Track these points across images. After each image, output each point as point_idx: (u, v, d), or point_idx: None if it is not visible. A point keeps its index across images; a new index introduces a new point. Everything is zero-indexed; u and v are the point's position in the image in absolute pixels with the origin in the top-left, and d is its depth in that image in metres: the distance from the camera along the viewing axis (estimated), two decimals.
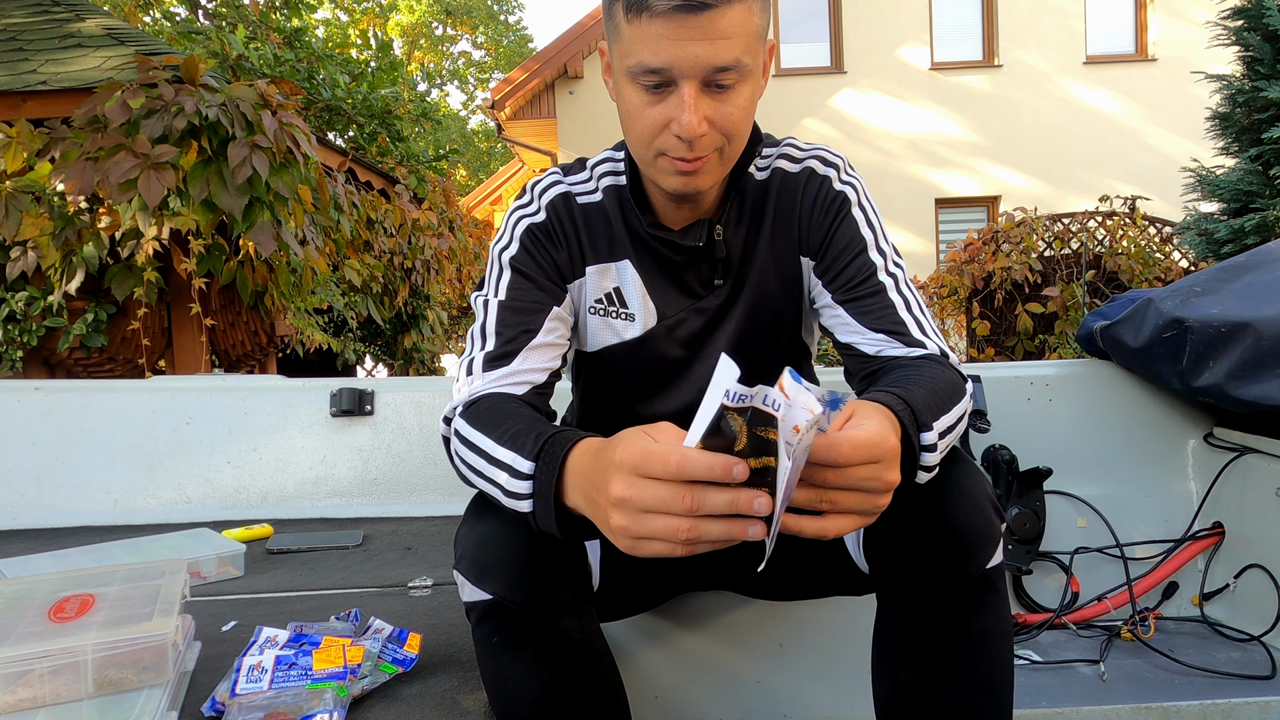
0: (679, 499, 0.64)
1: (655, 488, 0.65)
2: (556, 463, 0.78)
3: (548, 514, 0.79)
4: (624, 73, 0.94)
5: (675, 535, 0.65)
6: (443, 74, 21.26)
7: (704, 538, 0.66)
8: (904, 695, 0.90)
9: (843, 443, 0.69)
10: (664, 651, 1.43)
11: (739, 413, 0.62)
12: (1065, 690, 1.47)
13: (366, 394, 1.87)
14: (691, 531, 0.65)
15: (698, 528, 0.65)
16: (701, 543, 0.66)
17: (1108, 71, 9.87)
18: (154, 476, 1.82)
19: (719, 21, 0.87)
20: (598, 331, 1.13)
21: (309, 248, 3.59)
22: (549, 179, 1.13)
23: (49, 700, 0.85)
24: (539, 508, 0.80)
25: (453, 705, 0.95)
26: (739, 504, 0.65)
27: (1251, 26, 4.40)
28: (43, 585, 1.00)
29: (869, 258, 1.06)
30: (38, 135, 3.15)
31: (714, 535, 0.66)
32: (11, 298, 3.36)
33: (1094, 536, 1.79)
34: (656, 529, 0.66)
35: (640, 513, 0.66)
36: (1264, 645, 1.59)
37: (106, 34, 4.03)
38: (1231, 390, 1.60)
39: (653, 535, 0.66)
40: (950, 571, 0.86)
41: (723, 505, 0.65)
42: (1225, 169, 4.59)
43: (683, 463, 0.64)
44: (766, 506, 0.65)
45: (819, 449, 0.68)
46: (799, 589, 1.21)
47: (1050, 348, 5.08)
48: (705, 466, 0.63)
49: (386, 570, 1.44)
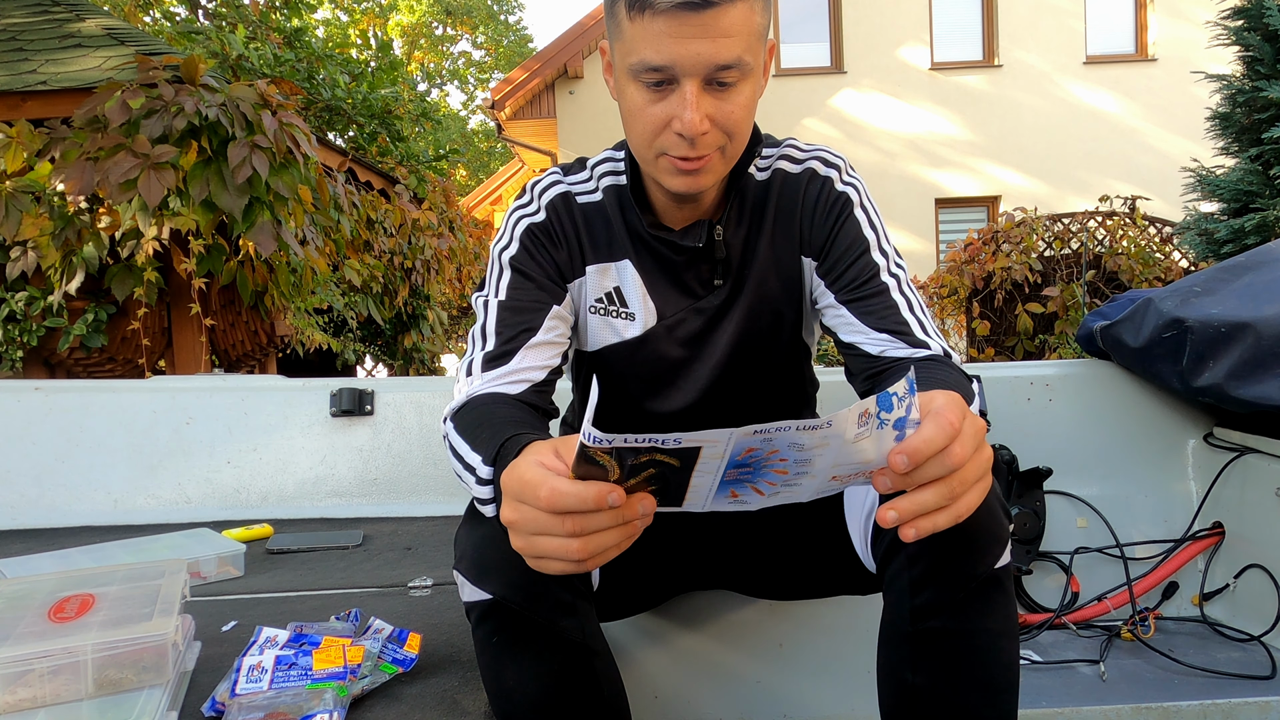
0: (559, 524, 0.65)
1: (536, 514, 0.66)
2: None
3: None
4: (626, 71, 0.94)
5: (568, 555, 0.66)
6: (443, 74, 21.26)
7: (599, 550, 0.66)
8: (910, 695, 0.90)
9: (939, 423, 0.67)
10: (664, 651, 1.43)
11: (605, 453, 0.63)
12: (1065, 690, 1.47)
13: (366, 394, 1.87)
14: (583, 549, 0.66)
15: (589, 544, 0.66)
16: (599, 555, 0.67)
17: (1108, 71, 9.87)
18: (154, 476, 1.82)
19: (721, 20, 0.88)
20: (598, 331, 1.13)
21: (309, 248, 3.59)
22: (549, 179, 1.13)
23: (49, 700, 0.85)
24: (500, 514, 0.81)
25: (453, 705, 0.95)
26: (624, 518, 0.65)
27: (1251, 26, 4.40)
28: (43, 585, 1.00)
29: (872, 258, 1.06)
30: (38, 135, 3.15)
31: (609, 544, 0.66)
32: (11, 298, 3.36)
33: (1094, 536, 1.79)
34: (548, 549, 0.67)
35: (530, 535, 0.68)
36: (1264, 645, 1.59)
37: (106, 34, 4.03)
38: (1231, 390, 1.60)
39: (544, 554, 0.67)
40: (959, 571, 0.86)
41: (606, 523, 0.65)
42: (1225, 169, 4.59)
43: (552, 496, 0.64)
44: (652, 506, 0.66)
45: (918, 447, 0.67)
46: (804, 588, 1.21)
47: (1050, 348, 5.08)
48: (576, 499, 0.64)
49: (386, 570, 1.44)
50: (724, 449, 0.63)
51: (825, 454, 0.67)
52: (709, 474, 0.66)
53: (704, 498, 0.68)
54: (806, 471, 0.68)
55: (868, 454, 0.68)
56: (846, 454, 0.67)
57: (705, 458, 0.64)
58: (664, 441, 0.62)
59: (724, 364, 1.12)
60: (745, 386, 1.16)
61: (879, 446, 0.68)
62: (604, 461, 0.63)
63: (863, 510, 1.00)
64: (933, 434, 0.67)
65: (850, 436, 0.66)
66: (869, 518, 0.98)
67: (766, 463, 0.66)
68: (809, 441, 0.65)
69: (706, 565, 1.22)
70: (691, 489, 0.67)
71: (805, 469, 0.68)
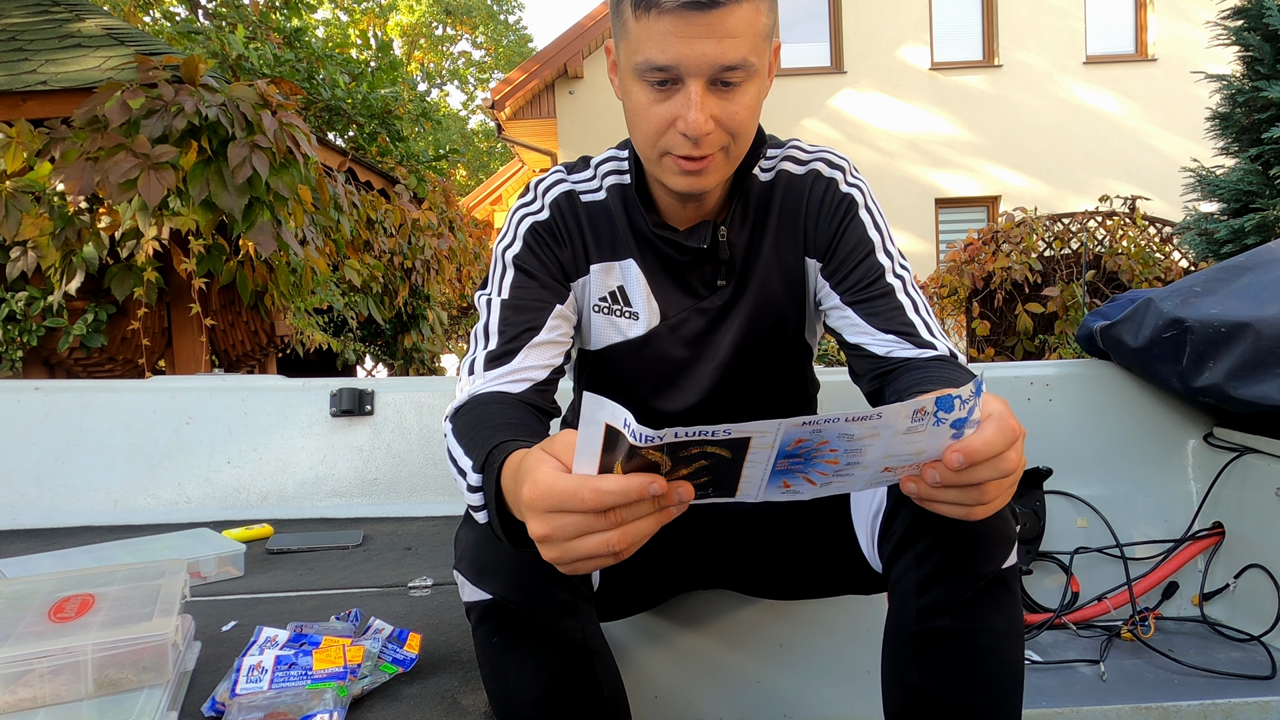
0: (600, 521, 0.65)
1: (574, 519, 0.65)
2: (494, 478, 0.78)
3: (498, 528, 0.80)
4: (631, 70, 0.94)
5: (607, 549, 0.66)
6: (443, 74, 21.26)
7: (638, 539, 0.66)
8: (915, 695, 0.90)
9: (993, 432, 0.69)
10: (664, 651, 1.43)
11: (656, 449, 0.62)
12: (1065, 690, 1.47)
13: (366, 394, 1.87)
14: (622, 540, 0.65)
15: (627, 535, 0.65)
16: (636, 544, 0.66)
17: (1108, 71, 9.86)
18: (154, 476, 1.82)
19: (727, 20, 0.88)
20: (602, 330, 1.13)
21: (309, 248, 3.59)
22: (553, 177, 1.13)
23: (49, 700, 0.85)
24: (491, 521, 0.81)
25: (453, 705, 0.95)
26: (662, 504, 0.65)
27: (1251, 26, 4.39)
28: (43, 585, 1.00)
29: (877, 259, 1.06)
30: (38, 135, 3.15)
31: (646, 532, 0.66)
32: (11, 298, 3.36)
33: (1094, 536, 1.79)
34: (587, 549, 0.66)
35: (566, 542, 0.67)
36: (1264, 645, 1.59)
37: (106, 34, 4.03)
38: (1231, 390, 1.59)
39: (584, 556, 0.67)
40: (967, 571, 0.86)
41: (648, 510, 0.65)
42: (1225, 169, 4.58)
43: (597, 497, 0.63)
44: (690, 494, 0.65)
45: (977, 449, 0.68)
46: (808, 587, 1.20)
47: (1050, 348, 5.08)
48: (621, 495, 0.63)
49: (386, 570, 1.44)
50: (774, 439, 0.64)
51: (876, 445, 0.67)
52: (760, 464, 0.66)
53: (757, 487, 0.69)
54: (858, 462, 0.69)
55: (920, 446, 0.69)
56: (899, 445, 0.68)
57: (755, 448, 0.64)
58: (714, 434, 0.62)
59: (727, 364, 1.12)
60: (748, 387, 1.16)
61: (935, 441, 0.69)
62: (655, 458, 0.63)
63: (870, 509, 1.00)
64: (993, 437, 0.68)
65: (902, 429, 0.66)
66: (875, 517, 0.98)
67: (817, 453, 0.67)
68: (859, 432, 0.66)
69: (707, 565, 1.22)
70: (744, 479, 0.67)
71: (857, 459, 0.68)
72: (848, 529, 1.06)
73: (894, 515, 0.93)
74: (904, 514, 0.90)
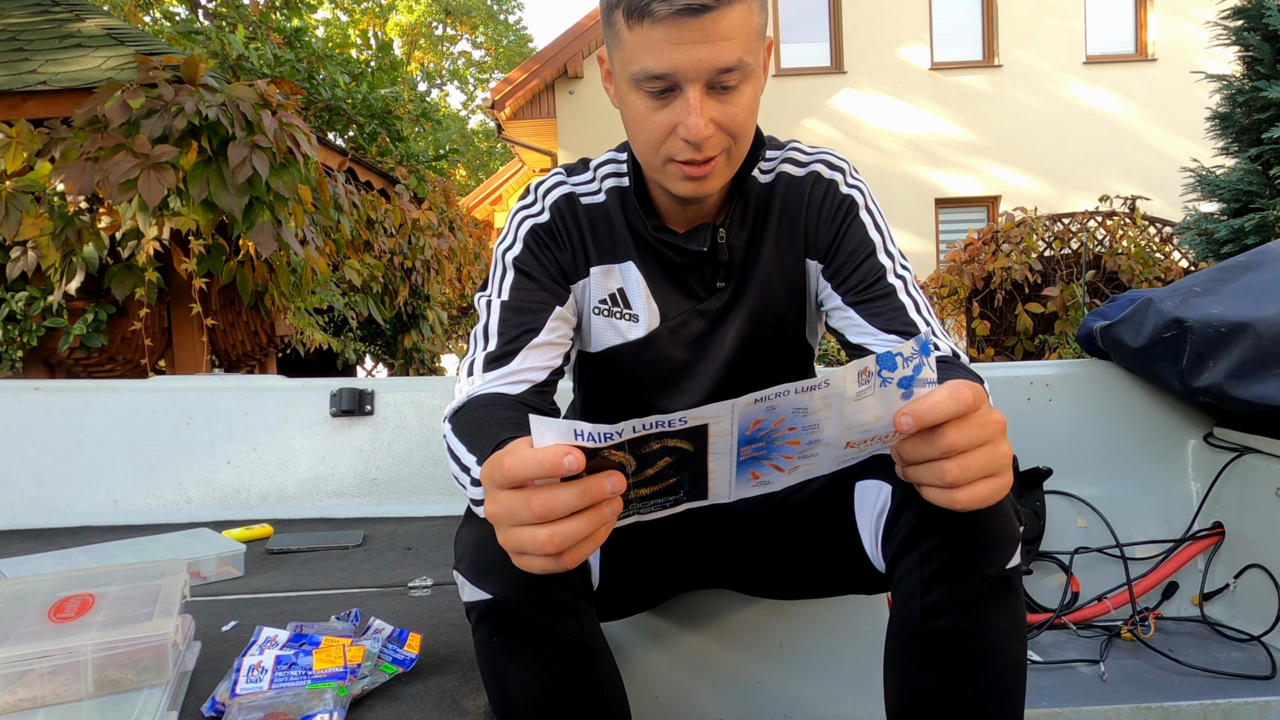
0: (525, 507, 0.63)
1: (506, 497, 0.64)
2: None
3: None
4: (627, 80, 0.94)
5: (538, 546, 0.64)
6: (443, 74, 21.25)
7: (568, 540, 0.64)
8: (917, 695, 0.90)
9: (940, 397, 0.68)
10: (664, 651, 1.43)
11: (617, 449, 0.62)
12: (1065, 690, 1.47)
13: (366, 394, 1.87)
14: (551, 540, 0.64)
15: (557, 534, 0.64)
16: (574, 549, 0.65)
17: (1108, 71, 9.86)
18: (154, 476, 1.82)
19: (720, 23, 0.88)
20: (602, 332, 1.13)
21: (309, 248, 3.59)
22: (553, 179, 1.14)
23: (49, 700, 0.85)
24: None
25: (453, 705, 0.95)
26: (591, 492, 0.63)
27: (1251, 26, 4.39)
28: (43, 585, 1.00)
29: (878, 260, 1.06)
30: (38, 135, 3.15)
31: (578, 533, 0.64)
32: (11, 298, 3.36)
33: (1094, 536, 1.79)
34: (520, 542, 0.65)
35: (509, 527, 0.65)
36: (1264, 645, 1.59)
37: (106, 34, 4.03)
38: (1231, 390, 1.59)
39: (521, 549, 0.65)
40: (971, 571, 0.86)
41: (575, 499, 0.63)
42: (1225, 169, 4.58)
43: (511, 465, 0.62)
44: (620, 484, 0.63)
45: (922, 412, 0.67)
46: (810, 587, 1.20)
47: (1050, 348, 5.08)
48: (535, 465, 0.62)
49: (386, 570, 1.44)
50: (730, 423, 0.64)
51: (831, 417, 0.67)
52: (724, 455, 0.66)
53: (727, 483, 0.68)
54: (819, 439, 0.69)
55: (874, 412, 0.68)
56: (853, 415, 0.67)
57: (715, 435, 0.64)
58: (670, 423, 0.62)
59: (728, 366, 1.13)
60: (749, 388, 1.15)
61: (885, 406, 0.68)
62: (619, 458, 0.63)
63: (874, 508, 1.00)
64: (942, 399, 0.67)
65: (851, 394, 0.66)
66: (880, 516, 0.98)
67: (776, 434, 0.67)
68: (811, 405, 0.65)
69: (708, 564, 1.22)
70: (712, 475, 0.67)
71: (816, 436, 0.68)
72: (851, 528, 1.06)
73: (899, 514, 0.93)
74: (909, 513, 0.90)
